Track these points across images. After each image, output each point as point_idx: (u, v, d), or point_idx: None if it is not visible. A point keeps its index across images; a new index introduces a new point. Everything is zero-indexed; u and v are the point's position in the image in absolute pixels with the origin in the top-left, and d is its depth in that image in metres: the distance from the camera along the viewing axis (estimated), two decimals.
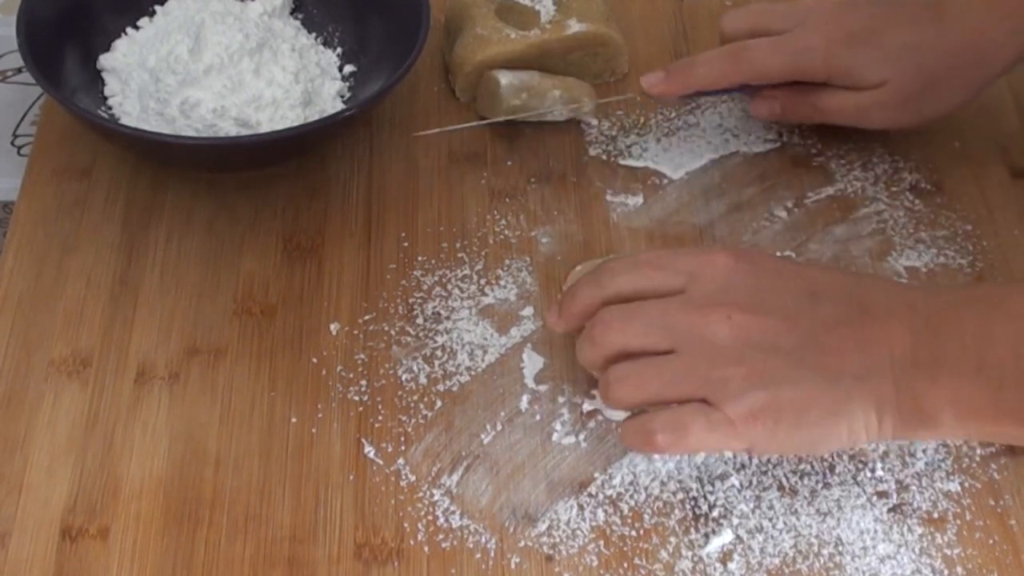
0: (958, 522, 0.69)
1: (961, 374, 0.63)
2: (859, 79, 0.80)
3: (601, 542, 0.68)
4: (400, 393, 0.74)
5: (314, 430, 0.72)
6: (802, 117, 0.85)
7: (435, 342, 0.76)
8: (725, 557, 0.67)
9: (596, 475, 0.70)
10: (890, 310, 0.65)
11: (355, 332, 0.76)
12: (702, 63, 0.81)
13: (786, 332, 0.64)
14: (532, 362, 0.75)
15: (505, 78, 0.84)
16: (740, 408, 0.63)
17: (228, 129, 0.81)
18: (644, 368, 0.65)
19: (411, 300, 0.78)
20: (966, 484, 0.71)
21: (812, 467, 0.71)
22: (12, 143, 0.91)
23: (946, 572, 0.67)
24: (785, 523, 0.69)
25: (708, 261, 0.66)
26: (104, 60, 0.85)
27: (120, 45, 0.86)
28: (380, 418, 0.72)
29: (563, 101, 0.85)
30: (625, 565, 0.67)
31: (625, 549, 0.68)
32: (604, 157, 0.87)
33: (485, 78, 0.86)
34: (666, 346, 0.64)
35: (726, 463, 0.71)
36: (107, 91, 0.84)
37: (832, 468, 0.71)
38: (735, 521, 0.69)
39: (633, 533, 0.68)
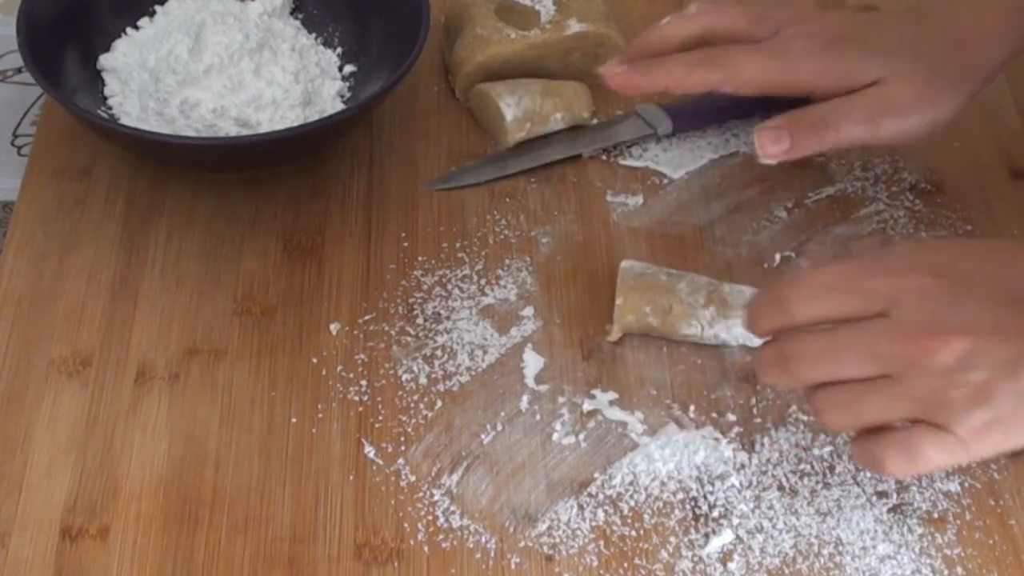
0: (958, 522, 0.69)
1: None
2: (852, 78, 0.75)
3: (601, 542, 0.68)
4: (400, 393, 0.73)
5: (314, 430, 0.72)
6: (812, 143, 0.76)
7: (435, 342, 0.76)
8: (725, 557, 0.67)
9: (596, 475, 0.70)
10: None
11: (355, 332, 0.76)
12: (676, 62, 0.76)
13: (1002, 345, 0.61)
14: (532, 362, 0.75)
15: (510, 111, 0.84)
16: (968, 427, 0.61)
17: (228, 129, 0.81)
18: (860, 395, 0.62)
19: (411, 300, 0.78)
20: (966, 484, 0.71)
21: (812, 467, 0.71)
22: (12, 143, 0.91)
23: (946, 572, 0.67)
24: (785, 523, 0.69)
25: (905, 285, 0.62)
26: (104, 60, 0.85)
27: (120, 45, 0.86)
28: (380, 418, 0.72)
29: (565, 122, 0.86)
30: (625, 565, 0.67)
31: (625, 549, 0.68)
32: (604, 157, 0.87)
33: (484, 96, 0.86)
34: (877, 374, 0.62)
35: (725, 463, 0.71)
36: (107, 91, 0.84)
37: (832, 468, 0.71)
38: (735, 521, 0.69)
39: (633, 533, 0.68)
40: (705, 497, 0.70)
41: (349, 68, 0.87)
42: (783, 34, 0.76)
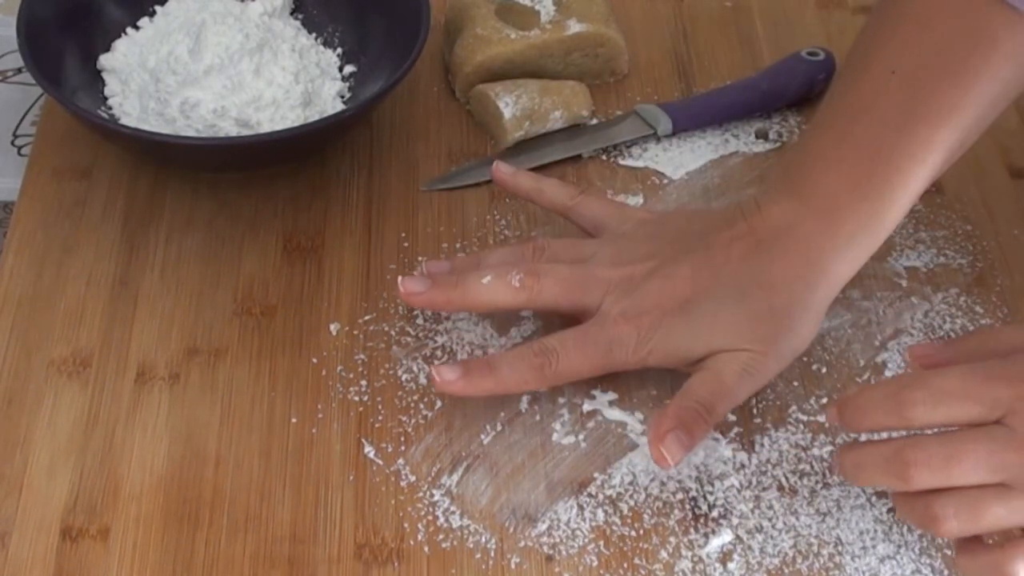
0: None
1: None
2: (680, 360, 0.71)
3: (601, 542, 0.68)
4: (400, 393, 0.74)
5: (314, 430, 0.72)
6: (703, 433, 0.69)
7: (435, 342, 0.76)
8: (725, 557, 0.68)
9: (596, 475, 0.70)
10: None
11: (355, 332, 0.76)
12: (507, 366, 0.70)
13: None
14: None
15: (508, 109, 0.84)
16: None
17: (228, 129, 0.81)
18: (981, 504, 0.61)
19: None
20: None
21: (811, 467, 0.71)
22: (12, 143, 0.91)
23: (946, 572, 0.67)
24: (785, 523, 0.69)
25: None
26: (104, 60, 0.85)
27: (120, 45, 0.86)
28: (380, 418, 0.72)
29: (564, 120, 0.86)
30: (625, 565, 0.67)
31: (625, 549, 0.68)
32: (604, 157, 0.87)
33: (483, 96, 0.86)
34: (994, 482, 0.60)
35: (725, 463, 0.71)
36: (107, 91, 0.84)
37: (832, 468, 0.71)
38: (735, 521, 0.69)
39: (633, 533, 0.68)
40: (705, 497, 0.70)
41: (349, 68, 0.87)
42: (605, 311, 0.71)
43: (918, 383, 0.62)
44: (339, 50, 0.88)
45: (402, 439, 0.72)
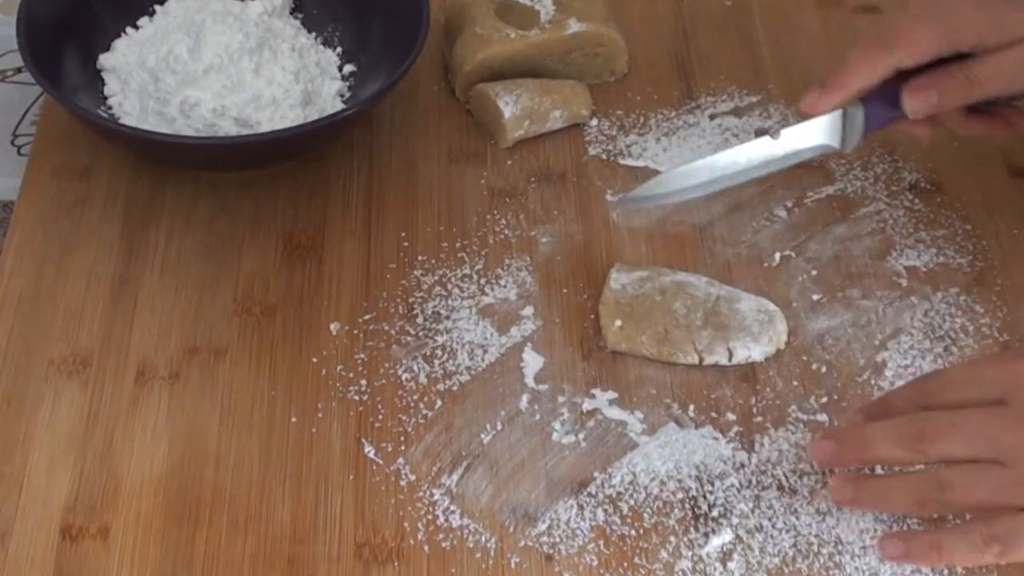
0: (957, 521, 0.69)
1: None
2: (1013, 32, 0.74)
3: (601, 542, 0.68)
4: (400, 393, 0.74)
5: (314, 430, 0.72)
6: (959, 98, 0.76)
7: (435, 341, 0.76)
8: (725, 556, 0.67)
9: (596, 474, 0.70)
10: None
11: (355, 332, 0.76)
12: (854, 59, 0.76)
13: None
14: (532, 361, 0.75)
15: (508, 108, 0.84)
16: None
17: (228, 129, 0.81)
18: (976, 475, 0.63)
19: (411, 300, 0.78)
20: None
21: (811, 466, 0.71)
22: (12, 143, 0.91)
23: (946, 572, 0.67)
24: (785, 522, 0.69)
25: (1021, 371, 0.64)
26: (104, 60, 0.85)
27: (120, 45, 0.86)
28: (380, 418, 0.72)
29: (564, 120, 0.86)
30: (625, 565, 0.67)
31: (625, 549, 0.68)
32: (604, 157, 0.87)
33: (482, 95, 0.86)
34: (990, 457, 0.63)
35: (725, 462, 0.71)
36: (107, 91, 0.84)
37: (831, 467, 0.71)
38: (735, 521, 0.69)
39: (633, 533, 0.68)
40: (705, 496, 0.70)
41: (349, 68, 0.87)
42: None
43: (937, 374, 0.69)
44: (339, 49, 0.88)
45: (402, 438, 0.72)
